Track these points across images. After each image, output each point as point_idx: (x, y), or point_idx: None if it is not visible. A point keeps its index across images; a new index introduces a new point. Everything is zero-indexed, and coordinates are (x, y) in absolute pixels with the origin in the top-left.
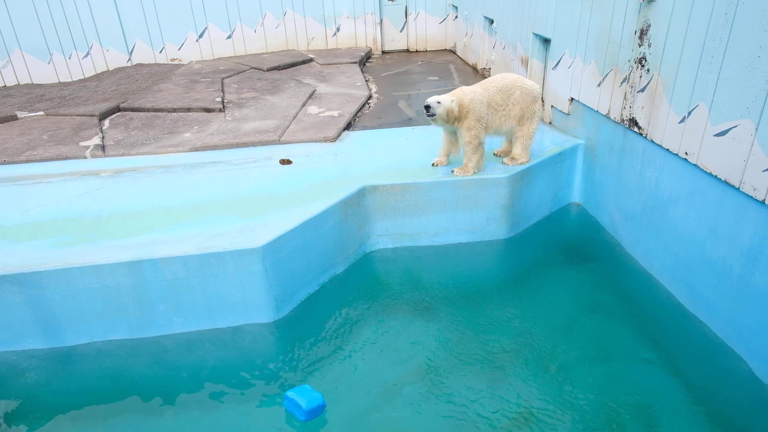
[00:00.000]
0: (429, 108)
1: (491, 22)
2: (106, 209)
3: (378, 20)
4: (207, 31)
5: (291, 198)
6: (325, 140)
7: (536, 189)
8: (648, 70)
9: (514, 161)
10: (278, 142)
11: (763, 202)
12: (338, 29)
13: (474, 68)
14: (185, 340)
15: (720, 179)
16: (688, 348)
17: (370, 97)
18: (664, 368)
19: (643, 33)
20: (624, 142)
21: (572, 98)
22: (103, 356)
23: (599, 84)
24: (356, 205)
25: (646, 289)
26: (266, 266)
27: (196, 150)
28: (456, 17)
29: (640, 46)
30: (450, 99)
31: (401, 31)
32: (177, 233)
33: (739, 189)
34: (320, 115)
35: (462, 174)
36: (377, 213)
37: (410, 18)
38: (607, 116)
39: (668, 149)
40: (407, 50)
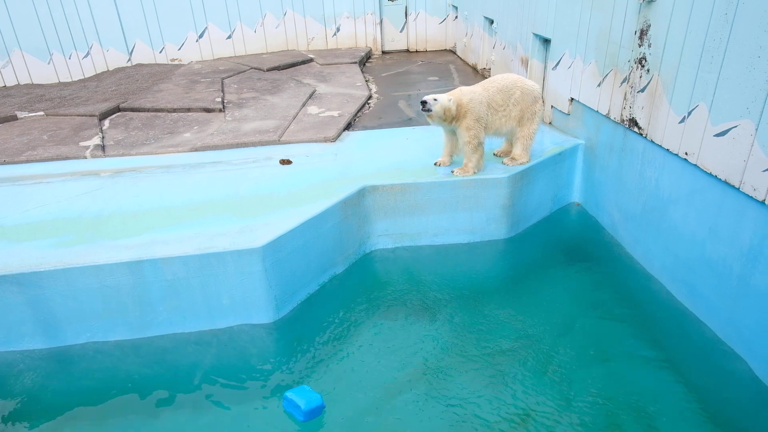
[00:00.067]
0: (425, 104)
1: (491, 23)
2: (106, 209)
3: (378, 20)
4: (207, 31)
5: (291, 198)
6: (325, 140)
7: (536, 189)
8: (648, 71)
9: (514, 161)
10: (278, 142)
11: (763, 203)
12: (338, 29)
13: (474, 68)
14: (185, 340)
15: (720, 179)
16: (688, 348)
17: (370, 98)
18: (664, 368)
19: (643, 33)
20: (624, 142)
21: (572, 98)
22: (103, 356)
23: (599, 84)
24: (356, 205)
25: (646, 289)
26: (266, 266)
27: (196, 150)
28: (456, 17)
29: (640, 47)
30: (447, 98)
31: (401, 32)
32: (177, 233)
33: (739, 189)
34: (320, 115)
35: (462, 174)
36: (377, 213)
37: (410, 18)
38: (607, 116)
39: (668, 149)
40: (407, 50)
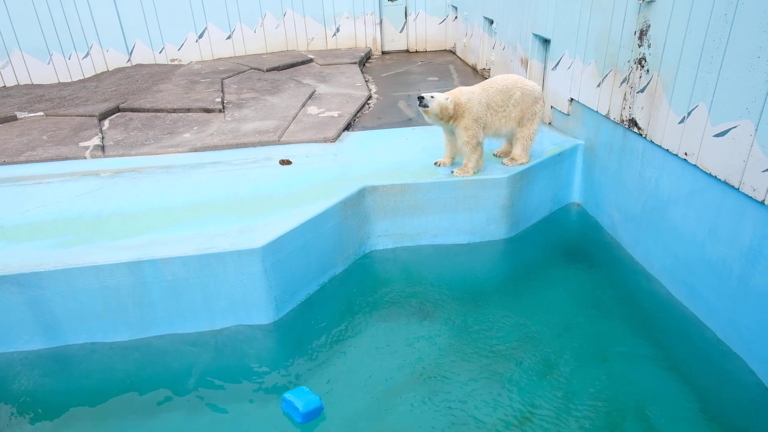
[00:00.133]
0: (422, 99)
1: (491, 23)
2: (106, 210)
3: (378, 20)
4: (207, 32)
5: (291, 198)
6: (325, 141)
7: (536, 189)
8: (648, 71)
9: (514, 162)
10: (278, 143)
11: (763, 203)
12: (338, 29)
13: (474, 69)
14: (184, 341)
15: (720, 180)
16: (688, 348)
17: (370, 98)
18: (664, 369)
19: (643, 33)
20: (624, 143)
21: (572, 99)
22: (103, 356)
23: (599, 84)
24: (356, 206)
25: (646, 290)
26: (266, 267)
27: (196, 150)
28: (456, 18)
29: (640, 47)
30: (445, 97)
31: (401, 32)
32: (177, 234)
33: (739, 189)
34: (320, 116)
35: (462, 174)
36: (377, 213)
37: (410, 18)
38: (607, 117)
39: (668, 150)
40: (407, 51)
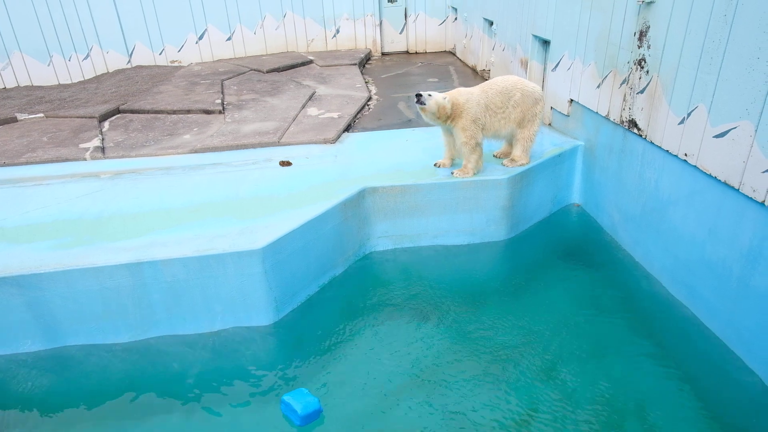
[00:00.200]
0: (420, 97)
1: (491, 24)
2: (106, 211)
3: (378, 22)
4: (207, 33)
5: (291, 200)
6: (325, 142)
7: (536, 190)
8: (647, 72)
9: (514, 163)
10: (278, 144)
11: (763, 204)
12: (338, 31)
13: (474, 70)
14: (184, 342)
15: (719, 180)
16: (689, 349)
17: (370, 99)
18: (665, 369)
19: (643, 34)
20: (623, 144)
21: (572, 100)
22: (103, 358)
23: (599, 85)
24: (356, 207)
25: (646, 291)
26: (266, 268)
27: (196, 152)
28: (455, 19)
29: (640, 48)
30: (443, 96)
31: (401, 33)
32: (177, 235)
33: (739, 190)
34: (320, 117)
35: (461, 175)
36: (377, 214)
37: (410, 20)
38: (607, 117)
39: (668, 150)
40: (407, 52)
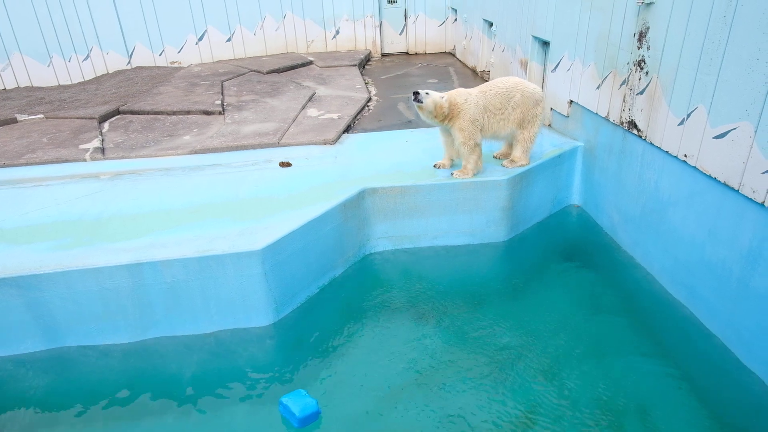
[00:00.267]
0: (417, 95)
1: (490, 25)
2: (106, 212)
3: (377, 23)
4: (207, 34)
5: (291, 201)
6: (325, 143)
7: (536, 191)
8: (647, 73)
9: (514, 163)
10: (278, 145)
11: (763, 204)
12: (338, 32)
13: (473, 71)
14: (184, 343)
15: (719, 181)
16: (688, 349)
17: (370, 100)
18: (665, 370)
19: (642, 35)
20: (623, 145)
21: (571, 101)
22: (102, 359)
23: (598, 86)
24: (356, 208)
25: (646, 291)
26: (266, 269)
27: (196, 153)
28: (455, 20)
29: (639, 49)
30: (440, 95)
31: (401, 34)
32: (176, 236)
33: (739, 191)
34: (320, 118)
35: (461, 176)
36: (377, 215)
37: (410, 21)
38: (607, 118)
39: (667, 151)
40: (407, 53)
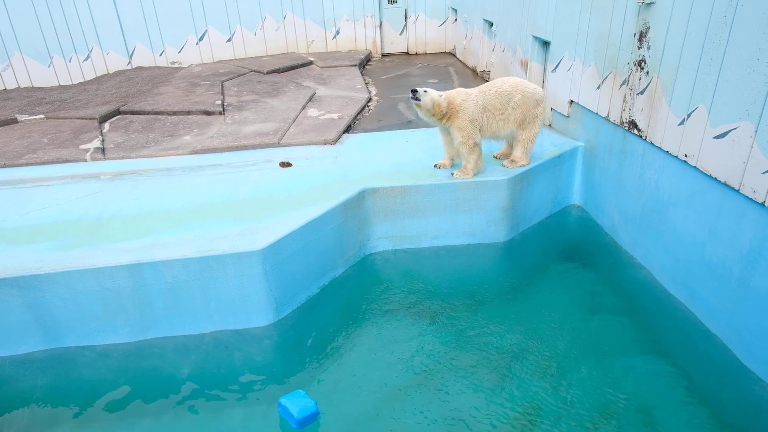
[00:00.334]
0: (415, 93)
1: (491, 25)
2: (106, 212)
3: (378, 23)
4: (207, 34)
5: (291, 201)
6: (325, 143)
7: (536, 191)
8: (647, 73)
9: (514, 164)
10: (278, 145)
11: (763, 204)
12: (338, 32)
13: (474, 71)
14: (184, 343)
15: (720, 181)
16: (689, 349)
17: (370, 100)
18: (665, 369)
19: (643, 35)
20: (624, 145)
21: (572, 101)
22: (103, 359)
23: (599, 86)
24: (356, 208)
25: (647, 291)
26: (266, 269)
27: (196, 153)
28: (455, 20)
29: (640, 49)
30: (439, 94)
31: (401, 34)
32: (177, 236)
33: (739, 191)
34: (320, 118)
35: (461, 176)
36: (377, 215)
37: (410, 21)
38: (607, 118)
39: (668, 151)
40: (407, 53)
